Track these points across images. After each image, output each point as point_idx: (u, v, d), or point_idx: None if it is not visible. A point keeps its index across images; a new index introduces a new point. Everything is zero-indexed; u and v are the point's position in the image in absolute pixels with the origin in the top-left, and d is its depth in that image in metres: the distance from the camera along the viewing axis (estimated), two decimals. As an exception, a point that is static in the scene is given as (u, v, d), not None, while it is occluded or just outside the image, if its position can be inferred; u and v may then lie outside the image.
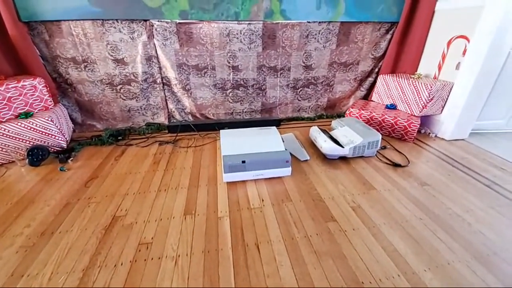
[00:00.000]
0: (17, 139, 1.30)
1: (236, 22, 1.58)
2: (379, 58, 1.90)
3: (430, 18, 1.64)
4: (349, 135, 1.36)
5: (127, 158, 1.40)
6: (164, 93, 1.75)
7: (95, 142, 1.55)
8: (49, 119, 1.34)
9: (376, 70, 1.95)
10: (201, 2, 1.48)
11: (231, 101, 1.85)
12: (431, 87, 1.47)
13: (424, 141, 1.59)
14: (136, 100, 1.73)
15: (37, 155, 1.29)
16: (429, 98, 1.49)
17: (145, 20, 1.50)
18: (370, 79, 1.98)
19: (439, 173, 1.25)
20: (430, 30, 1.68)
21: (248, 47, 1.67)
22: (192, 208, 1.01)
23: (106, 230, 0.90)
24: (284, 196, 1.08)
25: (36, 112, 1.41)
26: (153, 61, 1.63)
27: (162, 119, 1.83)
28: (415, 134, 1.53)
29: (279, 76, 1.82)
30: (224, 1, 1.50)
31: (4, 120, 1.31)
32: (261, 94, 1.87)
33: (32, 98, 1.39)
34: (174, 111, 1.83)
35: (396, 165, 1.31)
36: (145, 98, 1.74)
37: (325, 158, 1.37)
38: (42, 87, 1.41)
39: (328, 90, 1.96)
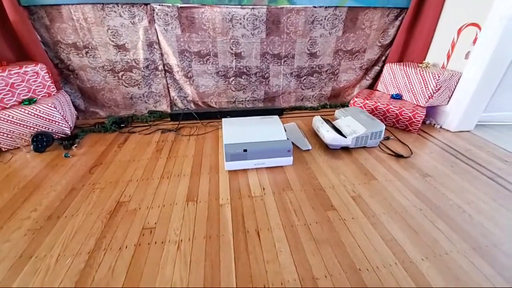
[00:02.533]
0: (22, 125, 1.32)
1: (239, 6, 1.53)
2: (387, 46, 1.84)
3: (441, 3, 1.57)
4: (352, 125, 1.35)
5: (130, 145, 1.41)
6: (166, 81, 1.74)
7: (98, 129, 1.56)
8: (52, 106, 1.35)
9: (383, 58, 1.90)
10: (203, -14, 1.44)
11: (233, 89, 1.83)
12: (438, 76, 1.43)
13: (429, 132, 1.57)
14: (138, 87, 1.72)
15: (41, 141, 1.30)
16: (436, 88, 1.45)
17: (146, 4, 1.46)
18: (376, 68, 1.93)
19: (442, 165, 1.24)
20: (441, 16, 1.61)
21: (251, 33, 1.63)
22: (194, 195, 1.02)
23: (111, 215, 0.92)
24: (285, 185, 1.09)
25: (39, 99, 1.41)
26: (154, 47, 1.60)
27: (164, 107, 1.82)
28: (419, 125, 1.51)
29: (282, 64, 1.79)
30: (227, -16, 1.45)
31: (8, 106, 1.32)
32: (264, 83, 1.84)
33: (34, 84, 1.39)
34: (176, 99, 1.82)
35: (398, 156, 1.30)
36: (147, 86, 1.73)
37: (327, 148, 1.36)
38: (44, 73, 1.40)
39: (333, 79, 1.92)
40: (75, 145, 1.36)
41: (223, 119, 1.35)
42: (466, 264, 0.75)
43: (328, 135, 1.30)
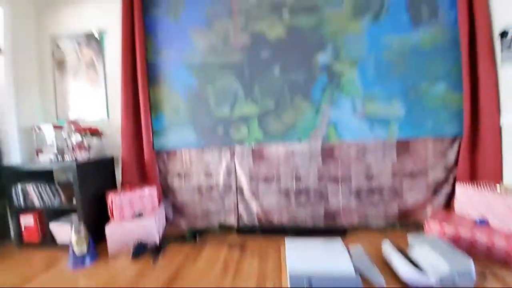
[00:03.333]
0: (129, 235, 1.70)
1: (298, 143, 1.94)
2: (451, 167, 1.82)
3: (498, 132, 1.62)
4: (432, 258, 1.21)
5: (202, 259, 1.57)
6: (237, 199, 2.06)
7: (178, 240, 1.83)
8: (154, 221, 1.75)
9: (451, 178, 1.83)
10: (271, 132, 1.96)
11: (294, 207, 1.99)
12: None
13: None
14: (215, 203, 2.08)
15: (139, 250, 1.62)
16: (530, 218, 1.26)
17: (231, 146, 2.03)
18: (447, 188, 1.84)
19: None
20: (503, 143, 1.61)
21: (309, 161, 1.94)
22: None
23: None
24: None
25: (146, 213, 1.86)
26: (231, 174, 2.05)
27: (232, 220, 2.06)
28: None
29: (340, 184, 1.93)
30: (289, 130, 1.94)
31: (125, 218, 1.78)
32: (323, 201, 1.95)
33: (146, 202, 1.89)
34: (243, 214, 2.06)
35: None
36: (221, 202, 2.07)
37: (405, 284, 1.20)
38: (155, 194, 1.92)
39: (397, 198, 1.89)
40: (160, 255, 1.62)
41: (286, 239, 1.44)
42: None
43: (404, 270, 1.18)
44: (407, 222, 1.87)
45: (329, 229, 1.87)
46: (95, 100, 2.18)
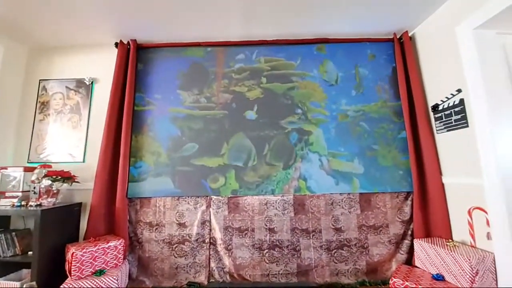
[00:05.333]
0: (85, 295, 1.53)
1: (272, 195, 2.04)
2: (407, 221, 2.01)
3: (442, 189, 1.88)
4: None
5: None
6: (209, 252, 2.00)
7: (140, 302, 1.67)
8: (116, 279, 1.61)
9: (409, 232, 1.99)
10: (247, 184, 2.06)
11: (267, 261, 1.96)
12: (469, 259, 1.43)
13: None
14: (185, 258, 1.98)
15: (93, 315, 1.44)
16: (474, 272, 1.40)
17: (207, 196, 2.06)
18: (407, 242, 1.98)
19: None
20: (447, 199, 1.86)
21: (282, 212, 2.03)
22: None
23: None
24: None
25: (108, 269, 1.71)
26: (206, 225, 2.03)
27: (202, 278, 1.95)
28: (478, 318, 1.31)
29: (311, 237, 1.99)
30: (264, 182, 2.06)
31: (83, 276, 1.62)
32: (296, 255, 1.96)
33: (110, 256, 1.75)
34: (214, 270, 1.97)
35: None
36: (192, 256, 1.98)
37: None
38: (121, 247, 1.81)
39: (364, 253, 1.97)
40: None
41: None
42: None
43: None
44: (375, 278, 1.92)
45: (302, 286, 1.84)
46: (73, 143, 2.19)
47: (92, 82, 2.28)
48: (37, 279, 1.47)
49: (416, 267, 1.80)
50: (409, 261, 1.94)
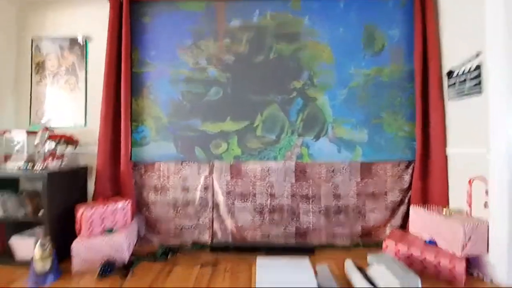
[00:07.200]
0: (97, 253, 1.63)
1: (274, 162, 2.06)
2: (406, 189, 2.04)
3: (444, 160, 1.87)
4: (386, 277, 1.33)
5: (173, 278, 1.56)
6: (212, 215, 2.09)
7: (148, 258, 1.79)
8: (125, 237, 1.71)
9: (406, 200, 2.04)
10: (250, 150, 2.06)
11: (267, 224, 2.06)
12: (464, 226, 1.47)
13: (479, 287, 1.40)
14: (189, 219, 2.08)
15: (107, 270, 1.55)
16: (466, 238, 1.46)
17: (210, 161, 2.08)
18: (403, 209, 2.04)
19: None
20: (449, 170, 1.86)
21: (283, 179, 2.06)
22: None
23: None
24: None
25: (118, 228, 1.81)
26: (209, 189, 2.09)
27: (206, 237, 2.07)
28: (463, 280, 1.39)
29: (311, 203, 2.05)
30: (267, 149, 2.06)
31: (93, 235, 1.70)
32: (295, 219, 2.05)
33: (118, 216, 1.84)
34: (217, 231, 2.08)
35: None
36: (196, 218, 2.08)
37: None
38: (129, 208, 1.89)
39: (361, 218, 2.05)
40: (129, 274, 1.57)
41: (257, 259, 1.49)
42: None
43: None
44: (369, 241, 2.02)
45: (299, 247, 1.96)
46: (73, 107, 2.15)
47: (86, 42, 2.15)
48: (50, 236, 1.56)
49: (410, 232, 1.88)
50: (404, 227, 2.02)
